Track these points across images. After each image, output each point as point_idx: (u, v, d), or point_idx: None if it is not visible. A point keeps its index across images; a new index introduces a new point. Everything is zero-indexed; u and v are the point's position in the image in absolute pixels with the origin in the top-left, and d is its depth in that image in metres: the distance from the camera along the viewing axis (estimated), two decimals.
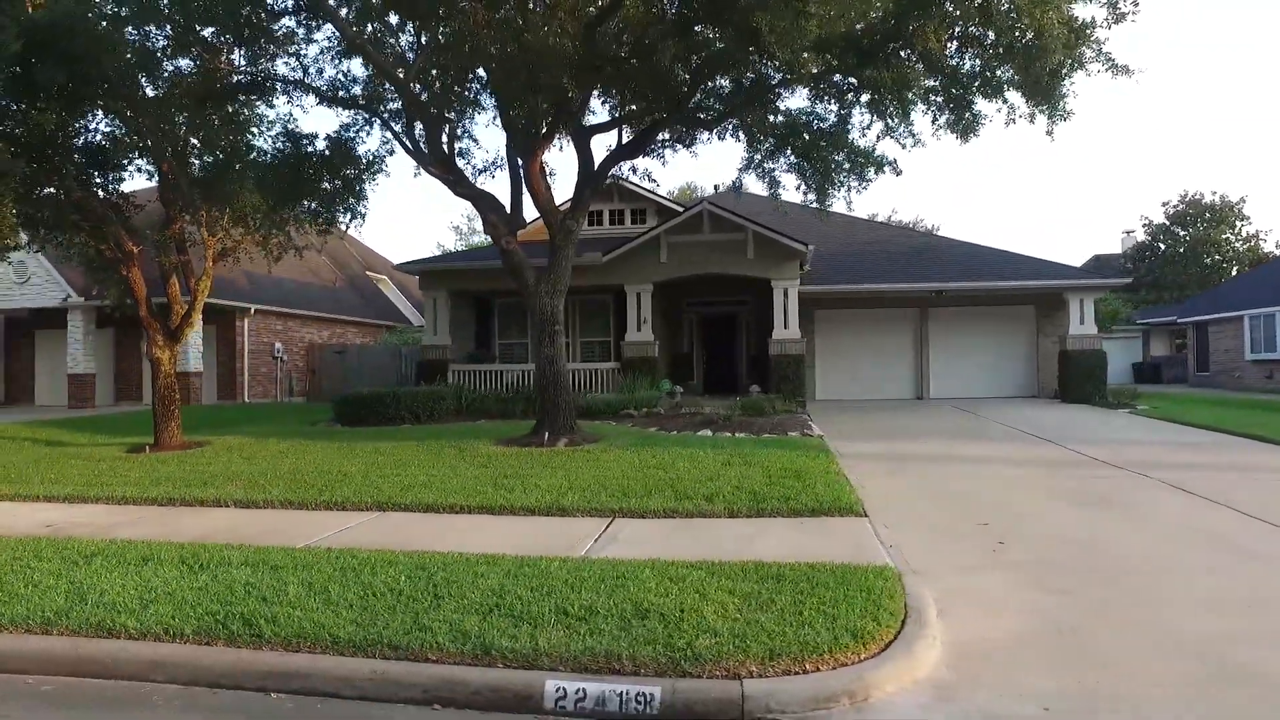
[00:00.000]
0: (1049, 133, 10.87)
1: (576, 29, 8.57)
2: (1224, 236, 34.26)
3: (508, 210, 11.23)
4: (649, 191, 18.38)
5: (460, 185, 10.61)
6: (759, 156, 12.96)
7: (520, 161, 10.43)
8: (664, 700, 3.38)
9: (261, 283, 22.12)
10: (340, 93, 10.99)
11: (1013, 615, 4.05)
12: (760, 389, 15.58)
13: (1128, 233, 39.02)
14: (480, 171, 12.26)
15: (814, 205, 13.79)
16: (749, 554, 5.03)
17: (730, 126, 12.79)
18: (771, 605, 4.05)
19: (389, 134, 11.20)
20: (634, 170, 12.56)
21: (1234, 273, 33.16)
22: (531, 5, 8.03)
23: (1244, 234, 34.55)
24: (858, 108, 11.89)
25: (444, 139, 12.14)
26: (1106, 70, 9.09)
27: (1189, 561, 4.81)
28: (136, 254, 10.62)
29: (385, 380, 20.27)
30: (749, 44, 7.97)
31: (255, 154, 11.66)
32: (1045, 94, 9.43)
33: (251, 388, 20.87)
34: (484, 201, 10.65)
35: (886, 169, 12.60)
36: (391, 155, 13.01)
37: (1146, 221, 36.56)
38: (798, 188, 13.51)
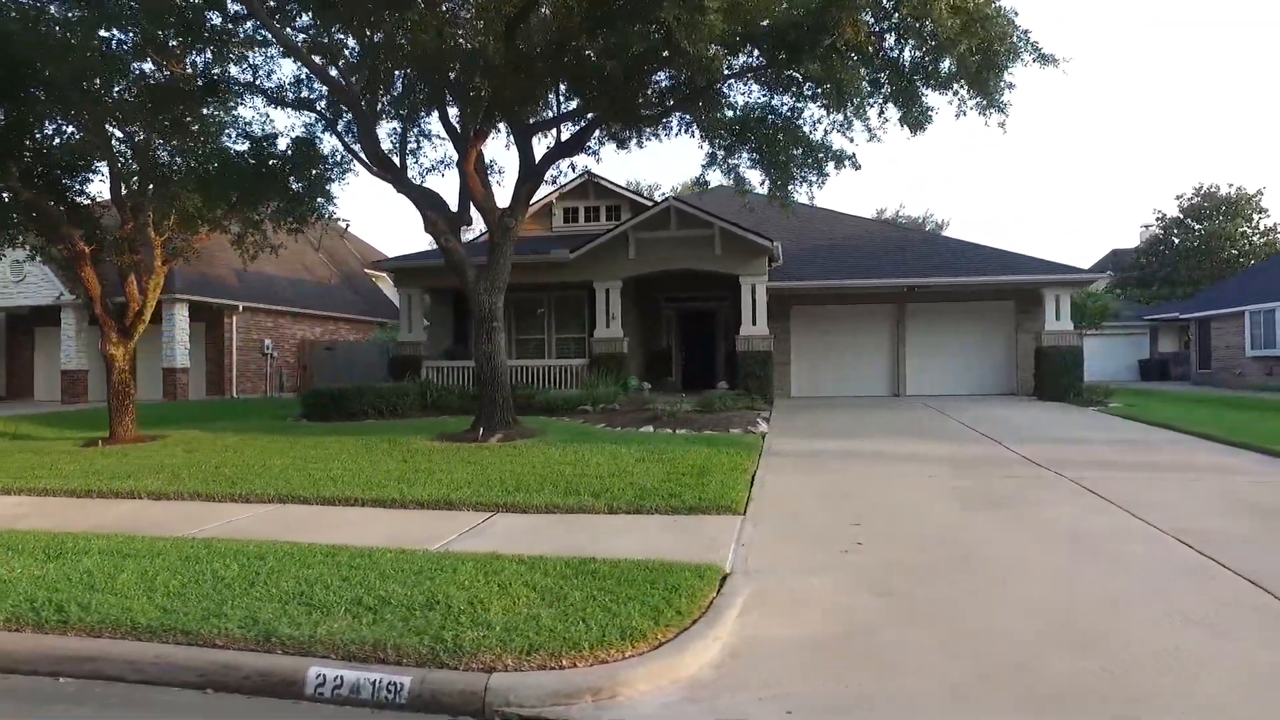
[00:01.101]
0: (1001, 125, 10.69)
1: (498, 29, 8.59)
2: (1241, 230, 33.14)
3: (454, 208, 11.31)
4: (623, 188, 18.38)
5: (400, 183, 10.70)
6: (720, 152, 12.92)
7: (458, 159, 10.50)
8: (413, 690, 3.40)
9: (251, 281, 22.52)
10: (287, 95, 11.14)
11: (822, 617, 3.97)
12: (729, 386, 15.49)
13: (1146, 227, 37.99)
14: (428, 170, 12.36)
15: (791, 200, 13.63)
16: (597, 550, 5.01)
17: (684, 123, 12.77)
18: (561, 600, 4.04)
19: (331, 134, 11.31)
20: (573, 167, 12.66)
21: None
22: (444, 7, 8.04)
23: (1262, 227, 33.42)
24: (804, 101, 11.79)
25: (401, 137, 12.32)
26: (1035, 61, 8.89)
27: (1045, 565, 4.67)
28: (88, 253, 10.88)
29: (375, 376, 20.56)
30: (661, 39, 7.91)
31: (209, 156, 11.88)
32: (980, 84, 9.25)
33: (241, 384, 21.28)
34: (423, 199, 10.73)
35: (846, 163, 12.50)
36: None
37: (1160, 215, 35.52)
38: (761, 183, 13.44)
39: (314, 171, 13.55)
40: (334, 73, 10.27)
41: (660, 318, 19.13)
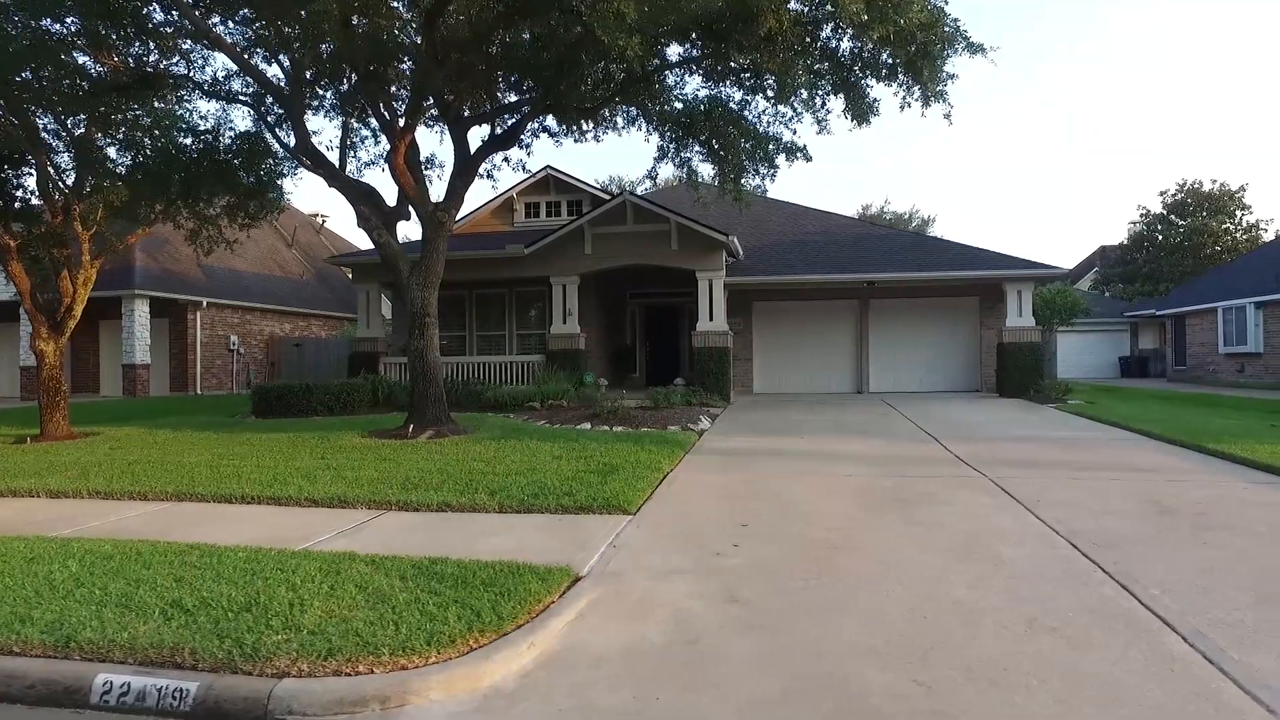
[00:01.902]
0: (946, 116, 10.54)
1: (418, 19, 8.39)
2: (1224, 226, 32.93)
3: (394, 203, 11.13)
4: (584, 183, 18.19)
5: (332, 177, 10.49)
6: (670, 146, 12.79)
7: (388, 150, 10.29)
8: (197, 697, 3.22)
9: (218, 276, 22.35)
10: (220, 88, 10.94)
11: (658, 624, 3.78)
12: (686, 383, 15.31)
13: (1133, 224, 37.87)
14: (367, 165, 12.15)
15: (744, 194, 13.52)
16: (464, 550, 4.83)
17: (630, 116, 12.59)
18: (385, 602, 3.86)
19: (264, 127, 11.11)
20: (507, 160, 12.39)
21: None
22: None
23: (1244, 224, 33.21)
24: (751, 94, 11.65)
25: (344, 131, 12.12)
26: (964, 50, 8.73)
27: (918, 569, 4.46)
28: (14, 248, 10.68)
29: (343, 372, 20.38)
30: (580, 30, 7.71)
31: (144, 149, 11.71)
32: (915, 72, 9.08)
33: (205, 380, 21.09)
34: (356, 193, 10.53)
35: (796, 156, 12.37)
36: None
37: (1144, 211, 35.33)
38: (713, 177, 13.30)
39: (261, 167, 13.40)
40: (260, 65, 10.07)
41: (625, 313, 18.96)
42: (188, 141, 12.48)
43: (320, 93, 10.72)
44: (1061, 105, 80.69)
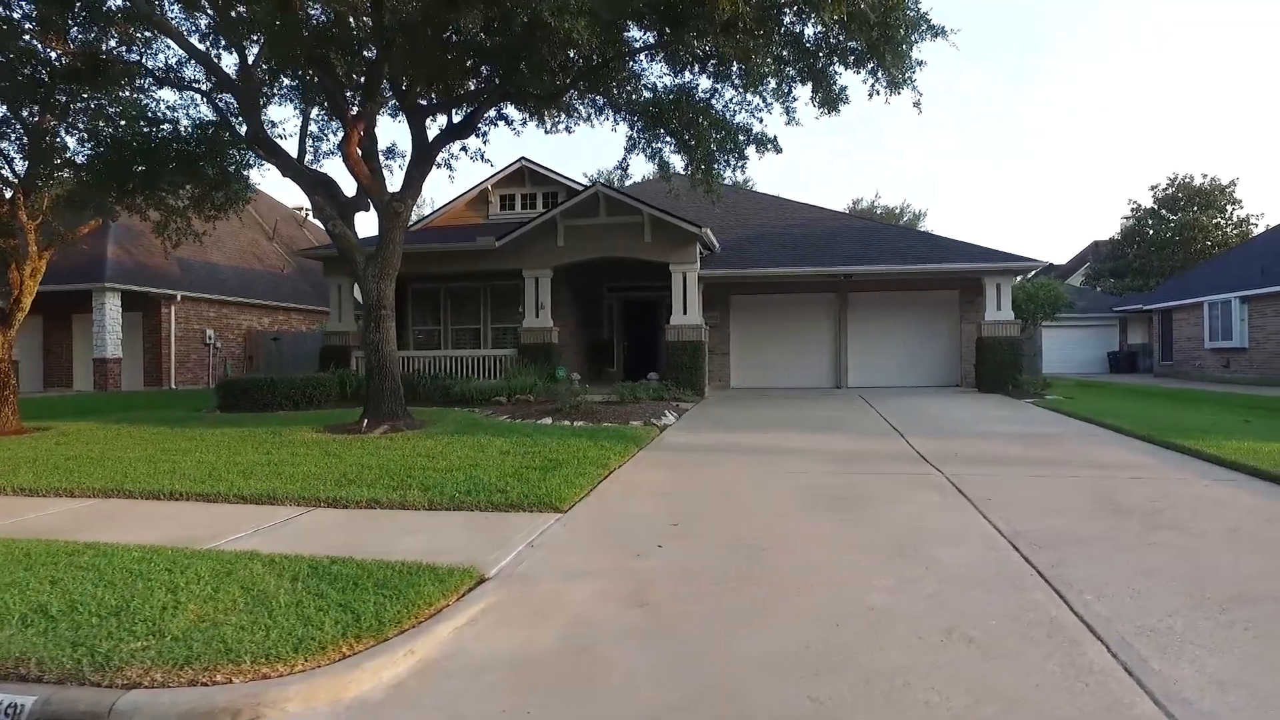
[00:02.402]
0: (916, 105, 10.34)
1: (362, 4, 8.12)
2: (1214, 221, 32.70)
3: (352, 193, 10.86)
4: (559, 175, 17.92)
5: (285, 166, 10.22)
6: (639, 136, 12.59)
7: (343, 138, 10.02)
8: (33, 712, 2.96)
9: (195, 270, 22.07)
10: (174, 75, 10.64)
11: (556, 630, 3.54)
12: (660, 377, 15.08)
13: (1125, 219, 37.67)
14: (328, 154, 11.88)
15: (717, 185, 13.32)
16: (378, 549, 4.61)
17: (597, 106, 12.34)
18: (264, 605, 3.61)
19: (217, 115, 10.82)
20: (465, 150, 12.10)
21: None
22: None
23: (1235, 218, 32.98)
24: (721, 82, 11.41)
25: (303, 120, 11.83)
26: (927, 32, 8.49)
27: (843, 573, 4.21)
28: None
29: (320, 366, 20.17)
30: (530, 14, 7.44)
31: (104, 140, 11.42)
32: (878, 56, 8.84)
33: (180, 374, 20.82)
34: (312, 183, 10.26)
35: (767, 147, 12.19)
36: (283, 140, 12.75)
37: (1135, 206, 35.09)
38: (685, 167, 13.09)
39: (224, 157, 13.11)
40: (210, 51, 9.77)
41: (602, 307, 18.70)
42: (148, 131, 12.21)
43: (273, 80, 10.42)
44: (1057, 99, 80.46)
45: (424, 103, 10.47)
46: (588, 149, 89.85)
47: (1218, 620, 3.45)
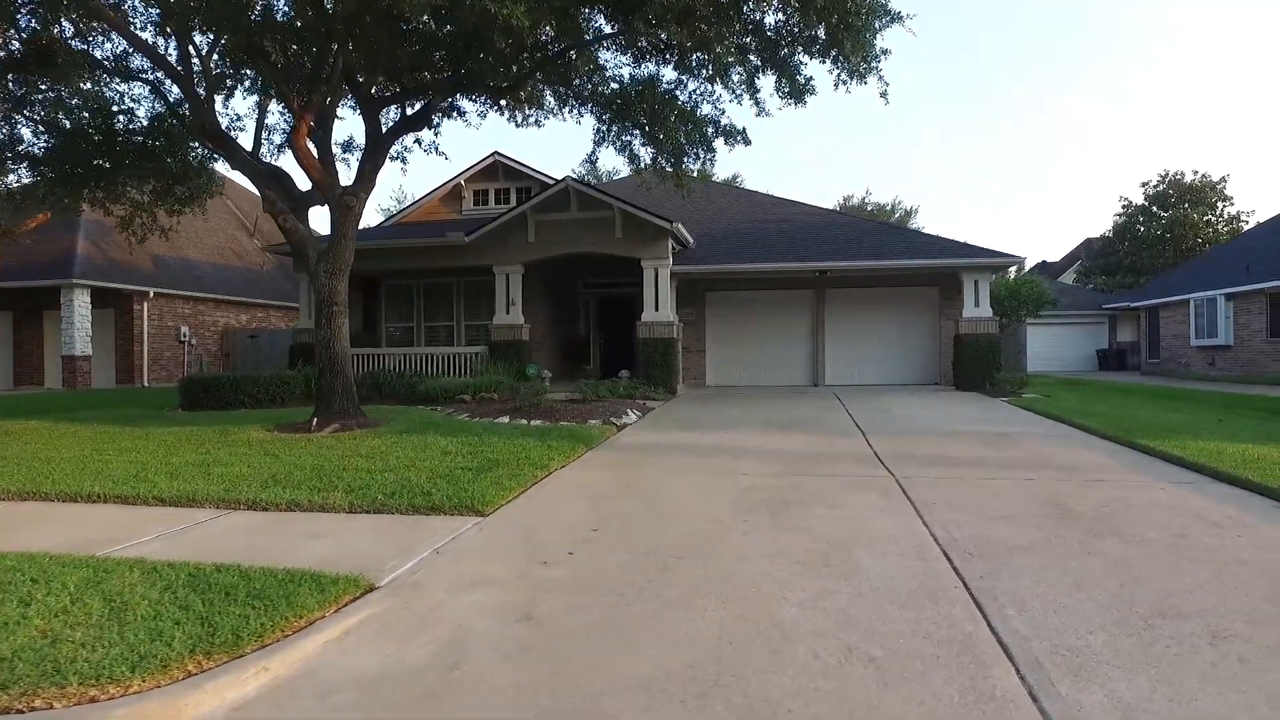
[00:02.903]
0: (882, 95, 10.12)
1: None
2: (1206, 218, 32.46)
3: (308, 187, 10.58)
4: (533, 170, 17.65)
5: (233, 157, 9.94)
6: (607, 128, 12.36)
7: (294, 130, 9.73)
8: None
9: (170, 266, 21.78)
10: (122, 65, 10.35)
11: (429, 646, 3.26)
12: (631, 374, 14.82)
13: (1117, 216, 37.42)
14: (278, 148, 11.58)
15: (688, 179, 13.08)
16: (281, 555, 4.37)
17: (562, 97, 12.07)
18: (117, 620, 3.34)
19: (164, 105, 10.53)
20: (419, 143, 11.82)
21: None
22: None
23: (1226, 215, 32.74)
24: (687, 74, 11.16)
25: (260, 111, 11.54)
26: (884, 17, 8.23)
27: (756, 584, 3.93)
28: None
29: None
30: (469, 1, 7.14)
31: (60, 132, 11.14)
32: (838, 44, 8.59)
33: (153, 372, 20.53)
34: (263, 175, 9.98)
35: (736, 140, 11.97)
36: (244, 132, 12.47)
37: (1127, 202, 34.85)
38: (654, 161, 12.86)
39: (184, 149, 12.84)
40: (153, 40, 9.49)
41: (579, 304, 18.44)
42: (105, 123, 11.93)
43: (217, 69, 10.12)
44: (1052, 95, 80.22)
45: (376, 93, 10.17)
46: (565, 144, 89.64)
47: (1140, 637, 3.19)
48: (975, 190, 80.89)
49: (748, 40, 9.52)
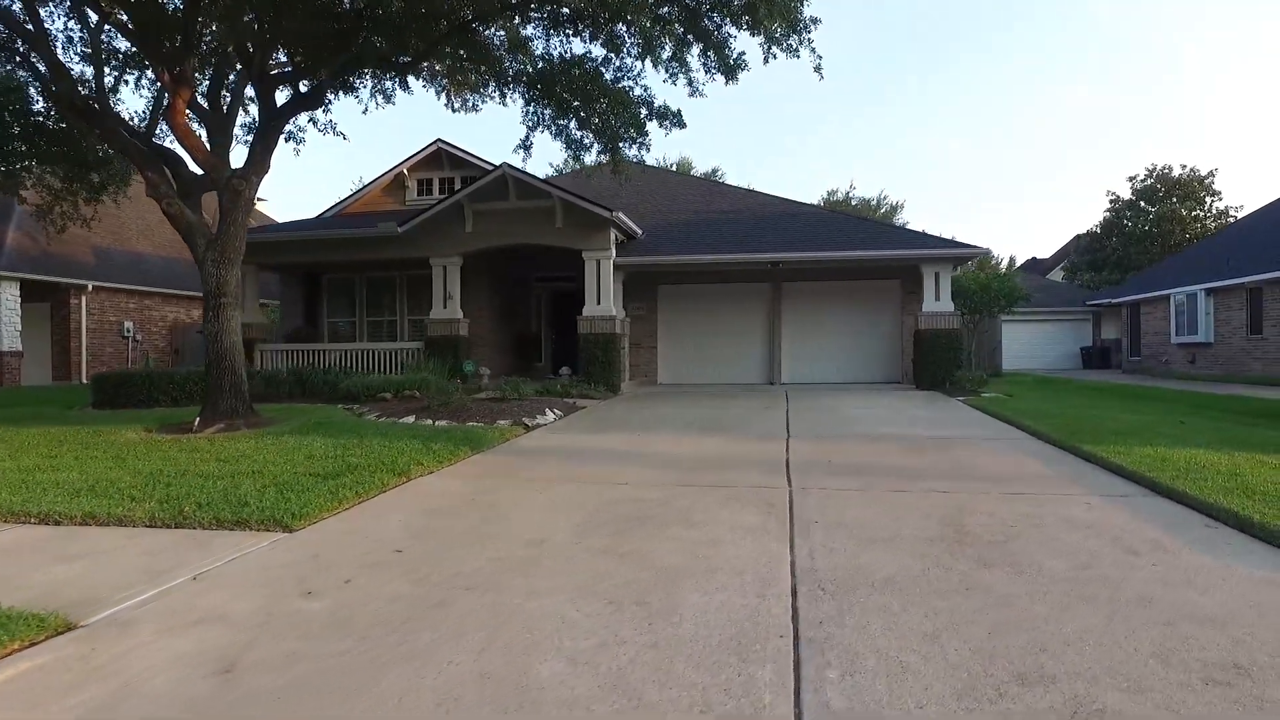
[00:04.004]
0: (816, 69, 9.39)
1: None
2: (1194, 213, 31.69)
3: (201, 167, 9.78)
4: (478, 158, 16.85)
5: (111, 137, 9.16)
6: (541, 110, 11.62)
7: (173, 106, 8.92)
8: None
9: (113, 258, 20.97)
10: None
11: (64, 713, 2.55)
12: (572, 372, 14.05)
13: (1106, 211, 36.63)
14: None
15: (625, 166, 12.37)
16: (20, 579, 3.68)
17: (483, 75, 11.29)
18: None
19: (32, 78, 9.73)
20: (313, 123, 11.03)
21: None
22: None
23: (1214, 210, 31.96)
24: (615, 52, 10.41)
25: (158, 93, 10.74)
26: None
27: (539, 628, 3.19)
28: None
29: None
30: None
31: None
32: (752, 12, 7.82)
33: (94, 368, 19.69)
34: (146, 157, 9.18)
35: (670, 122, 11.27)
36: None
37: (1114, 197, 34.06)
38: (590, 145, 12.12)
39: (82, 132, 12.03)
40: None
41: (529, 298, 17.66)
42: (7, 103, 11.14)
43: (80, 37, 9.32)
44: (1045, 92, 79.46)
45: (270, 70, 9.35)
46: (515, 135, 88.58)
47: (983, 713, 2.43)
48: (964, 187, 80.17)
49: (665, 10, 8.74)
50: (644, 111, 11.11)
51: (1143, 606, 3.27)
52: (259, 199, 34.38)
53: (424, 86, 11.69)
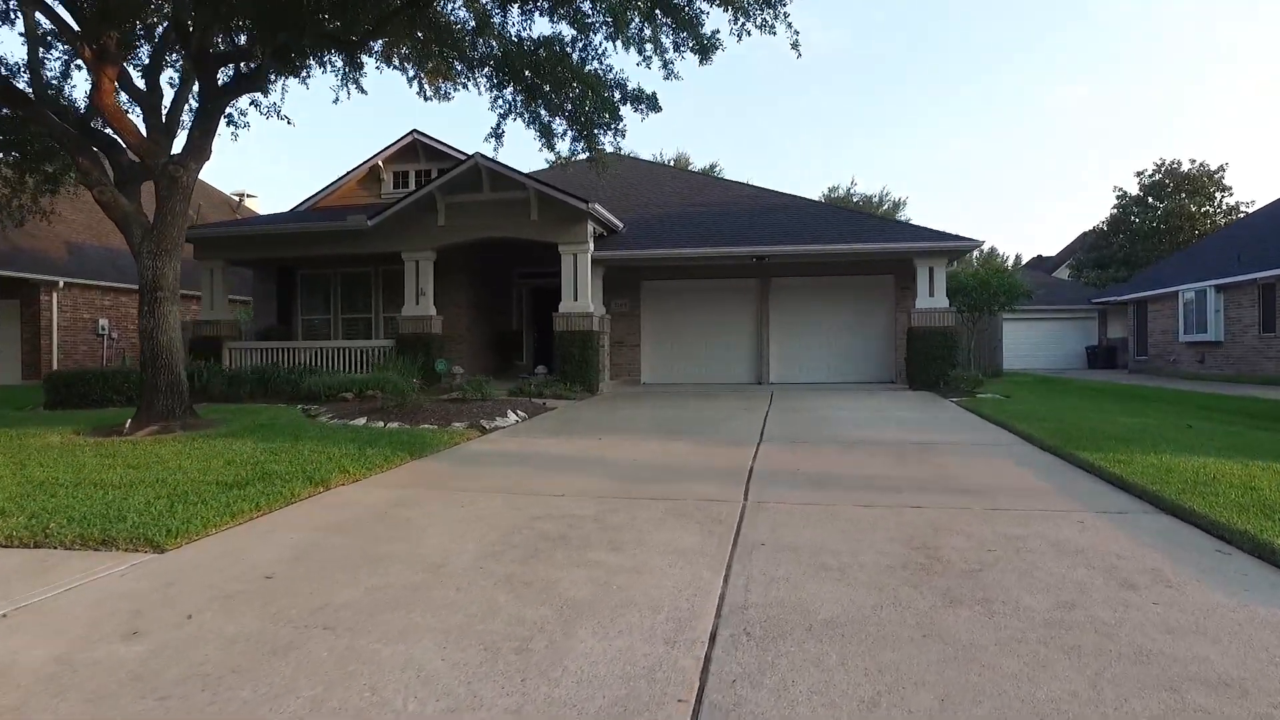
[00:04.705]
0: (794, 45, 8.79)
1: None
2: (1204, 209, 30.83)
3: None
4: (455, 149, 16.24)
5: (40, 120, 8.59)
6: (508, 95, 11.03)
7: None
8: None
9: (88, 254, 20.48)
10: None
11: None
12: (548, 371, 13.44)
13: (1113, 208, 35.80)
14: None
15: (599, 153, 11.77)
16: None
17: (447, 57, 10.68)
18: None
19: None
20: (256, 106, 10.44)
21: None
22: None
23: (1225, 206, 31.09)
24: (571, 27, 9.80)
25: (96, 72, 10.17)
26: None
27: (377, 688, 2.63)
28: None
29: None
30: None
31: None
32: None
33: (66, 367, 19.17)
34: (78, 141, 8.60)
35: (643, 106, 10.67)
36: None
37: (1121, 193, 33.23)
38: (564, 133, 11.53)
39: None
40: None
41: (511, 295, 17.05)
42: None
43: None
44: (1050, 88, 78.47)
45: (211, 49, 8.73)
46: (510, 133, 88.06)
47: None
48: (968, 185, 79.27)
49: None
50: (617, 95, 10.52)
51: (1139, 663, 2.63)
52: (247, 195, 33.91)
53: (393, 70, 11.10)
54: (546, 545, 4.12)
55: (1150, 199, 32.08)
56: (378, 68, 10.29)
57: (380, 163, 16.75)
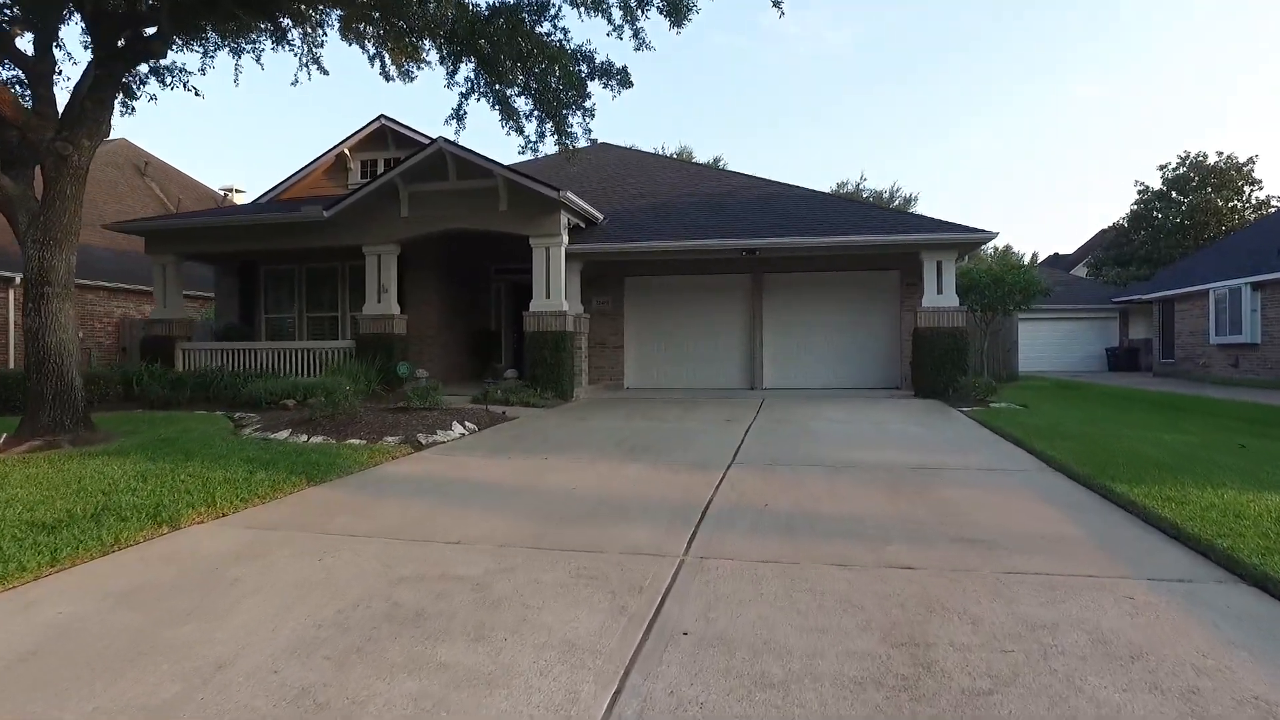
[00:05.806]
0: (776, 4, 7.64)
1: None
2: (1230, 204, 29.26)
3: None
4: (424, 135, 15.12)
5: None
6: (464, 70, 9.99)
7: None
8: None
9: None
10: None
11: None
12: (519, 375, 12.32)
13: (1134, 204, 34.27)
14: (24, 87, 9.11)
15: (570, 138, 10.71)
16: None
17: (393, 27, 9.60)
18: None
19: None
20: (156, 74, 9.32)
21: None
22: None
23: (1254, 200, 29.51)
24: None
25: None
26: None
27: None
28: None
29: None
30: None
31: None
32: None
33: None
34: None
35: (614, 82, 9.61)
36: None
37: (1143, 188, 31.71)
38: (530, 113, 10.47)
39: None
40: None
41: (489, 292, 15.94)
42: None
43: None
44: (1068, 82, 76.57)
45: (109, 10, 7.63)
46: (473, 117, 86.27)
47: None
48: (983, 181, 77.50)
49: None
50: (584, 69, 9.42)
51: None
52: (235, 190, 32.88)
53: (351, 47, 10.04)
54: (389, 630, 2.99)
55: (1174, 193, 30.55)
56: (336, 43, 9.19)
57: (347, 150, 15.70)
